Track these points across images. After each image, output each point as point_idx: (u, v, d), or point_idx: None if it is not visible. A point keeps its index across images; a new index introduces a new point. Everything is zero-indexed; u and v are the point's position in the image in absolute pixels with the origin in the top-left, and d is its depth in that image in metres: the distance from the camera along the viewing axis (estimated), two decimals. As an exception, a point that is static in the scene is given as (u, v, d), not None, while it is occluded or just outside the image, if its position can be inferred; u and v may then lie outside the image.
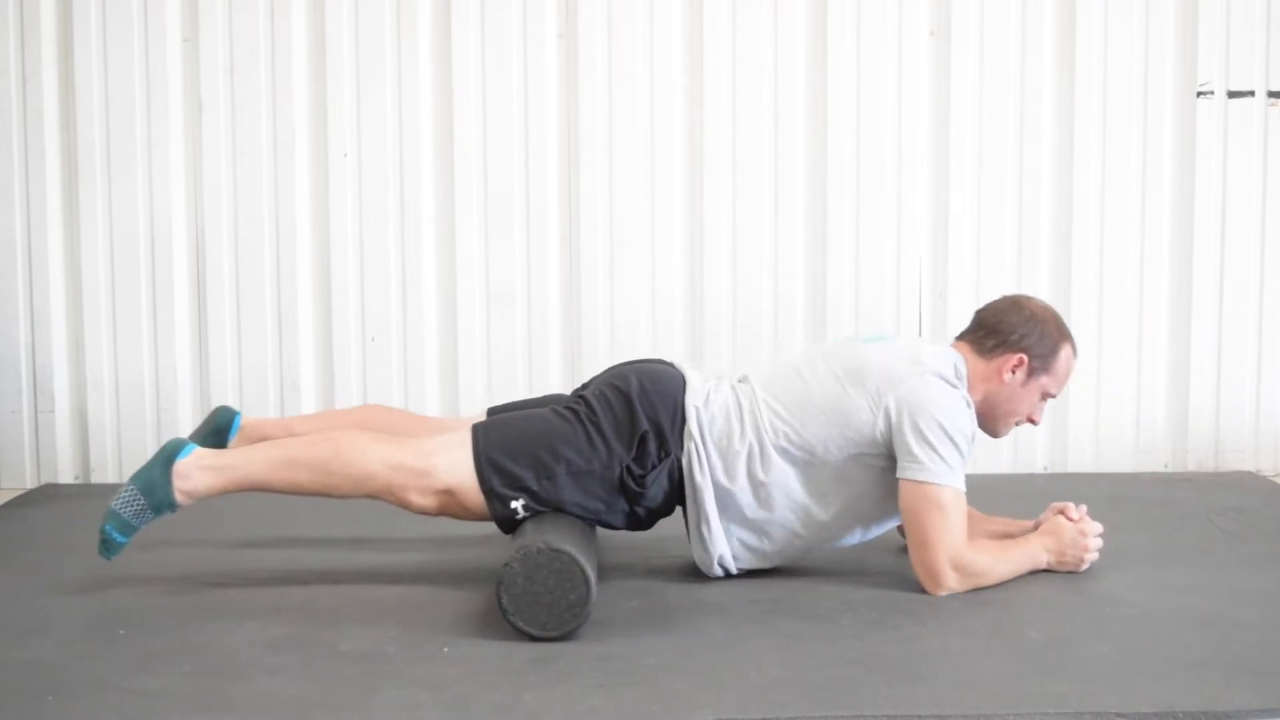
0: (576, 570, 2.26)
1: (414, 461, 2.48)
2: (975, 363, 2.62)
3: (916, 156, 3.71)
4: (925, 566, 2.47)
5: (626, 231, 3.71)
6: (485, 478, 2.48)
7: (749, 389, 2.60)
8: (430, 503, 2.50)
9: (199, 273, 3.72)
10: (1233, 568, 2.70)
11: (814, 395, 2.54)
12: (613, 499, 2.53)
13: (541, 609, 2.25)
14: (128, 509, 2.46)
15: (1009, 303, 2.68)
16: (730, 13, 3.67)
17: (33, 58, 3.65)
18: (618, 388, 2.56)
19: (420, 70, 3.68)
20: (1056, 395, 2.68)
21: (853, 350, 2.61)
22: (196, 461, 2.47)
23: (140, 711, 1.96)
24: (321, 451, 2.48)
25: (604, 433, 2.51)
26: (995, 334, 2.62)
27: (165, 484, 2.45)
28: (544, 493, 2.49)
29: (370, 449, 2.48)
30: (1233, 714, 1.92)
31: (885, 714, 1.93)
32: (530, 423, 2.55)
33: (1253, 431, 3.79)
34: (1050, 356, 2.61)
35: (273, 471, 2.48)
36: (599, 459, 2.50)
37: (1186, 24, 3.69)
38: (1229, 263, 3.75)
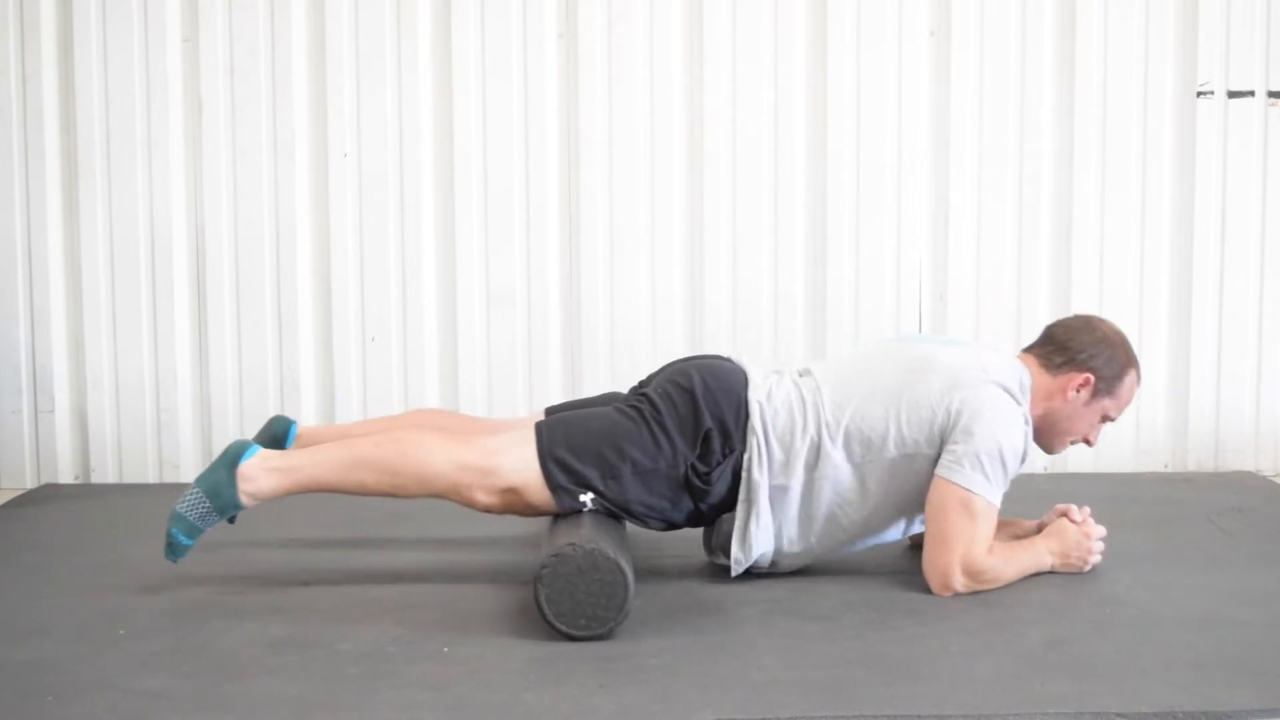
0: (619, 589, 2.26)
1: (479, 460, 2.48)
2: (1040, 377, 2.63)
3: (916, 156, 3.71)
4: (937, 565, 2.47)
5: (626, 231, 3.71)
6: (551, 475, 2.48)
7: (812, 382, 2.60)
8: (495, 501, 2.51)
9: (199, 273, 3.71)
10: (1233, 568, 2.70)
11: (880, 383, 2.55)
12: (678, 496, 2.53)
13: (570, 602, 2.25)
14: (193, 512, 2.45)
15: (1082, 322, 2.70)
16: (730, 13, 3.67)
17: (33, 58, 3.65)
18: (681, 385, 2.55)
19: (420, 70, 3.68)
20: (1115, 420, 2.69)
21: (924, 346, 2.65)
22: (261, 463, 2.47)
23: (140, 711, 1.96)
24: (388, 452, 2.48)
25: (668, 431, 2.51)
26: (1064, 351, 2.63)
27: (230, 486, 2.45)
28: (610, 492, 2.50)
29: (436, 449, 2.49)
30: (1233, 714, 1.92)
31: (885, 714, 1.93)
32: (594, 421, 2.55)
33: (1253, 431, 3.79)
34: (1116, 380, 2.63)
35: (339, 472, 2.48)
36: (664, 458, 2.50)
37: (1186, 24, 3.69)
38: (1229, 263, 3.75)
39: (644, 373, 3.65)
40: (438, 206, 3.71)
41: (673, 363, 2.72)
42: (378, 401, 3.71)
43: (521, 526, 2.96)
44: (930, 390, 2.51)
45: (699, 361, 2.66)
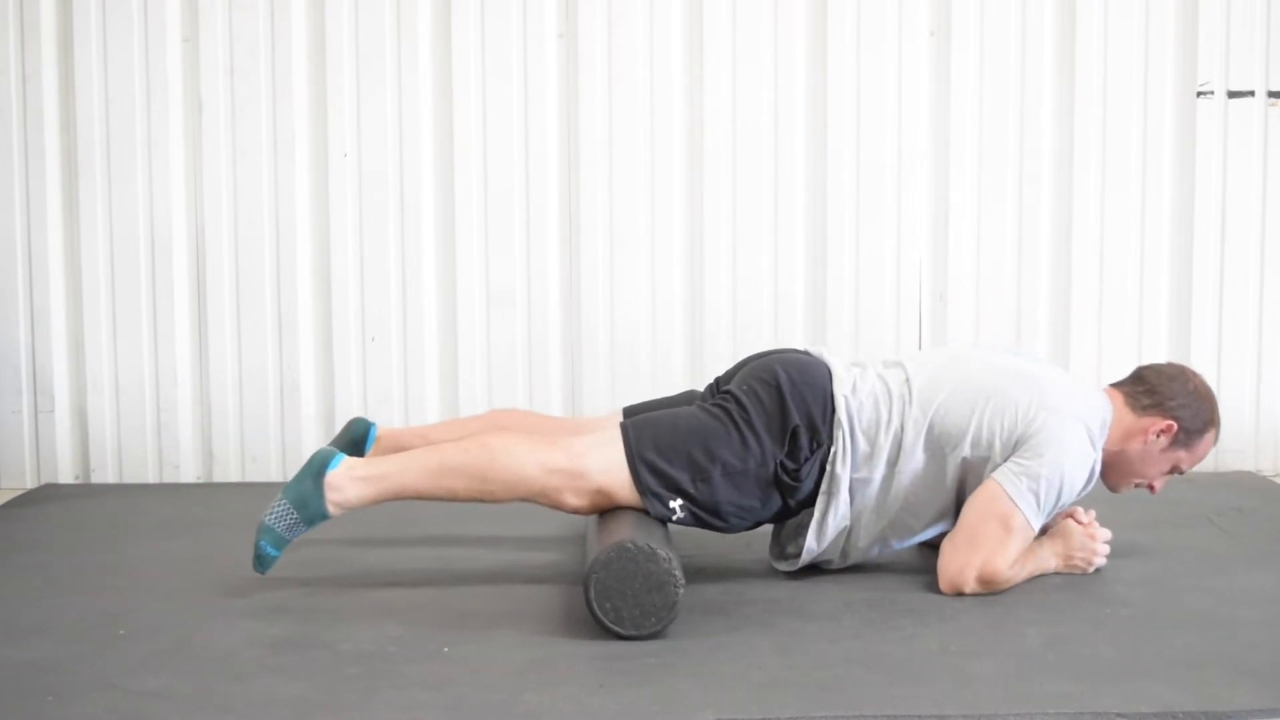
0: (671, 592, 2.25)
1: (567, 463, 2.47)
2: (1123, 414, 2.62)
3: (916, 156, 3.71)
4: (956, 563, 2.47)
5: (626, 231, 3.71)
6: (641, 478, 2.48)
7: (900, 374, 2.60)
8: (584, 503, 2.50)
9: (199, 273, 3.71)
10: (1233, 568, 2.70)
11: (970, 382, 2.56)
12: (767, 495, 2.53)
13: (619, 597, 2.24)
14: (281, 523, 2.45)
15: (1177, 370, 2.70)
16: (730, 13, 3.67)
17: (33, 58, 3.65)
18: (766, 382, 2.54)
19: (420, 70, 3.68)
20: (1184, 473, 2.70)
21: (1021, 359, 2.70)
22: (348, 472, 2.46)
23: (140, 711, 1.96)
24: (477, 458, 2.47)
25: (756, 430, 2.50)
26: (1154, 394, 2.63)
27: (318, 496, 2.44)
28: (700, 495, 2.49)
29: (524, 453, 2.48)
30: (1233, 714, 1.92)
31: (885, 714, 1.93)
32: (681, 421, 2.54)
33: (1253, 431, 3.79)
34: (1198, 434, 2.63)
35: (428, 480, 2.47)
36: (753, 457, 2.50)
37: (1186, 24, 3.68)
38: (1229, 263, 3.75)
39: (644, 372, 3.69)
40: (438, 206, 3.71)
41: (752, 358, 2.70)
42: (378, 401, 3.71)
43: (522, 527, 2.97)
44: (1018, 401, 2.52)
45: (781, 356, 2.64)
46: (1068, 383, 2.65)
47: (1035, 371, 2.62)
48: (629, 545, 2.25)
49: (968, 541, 2.47)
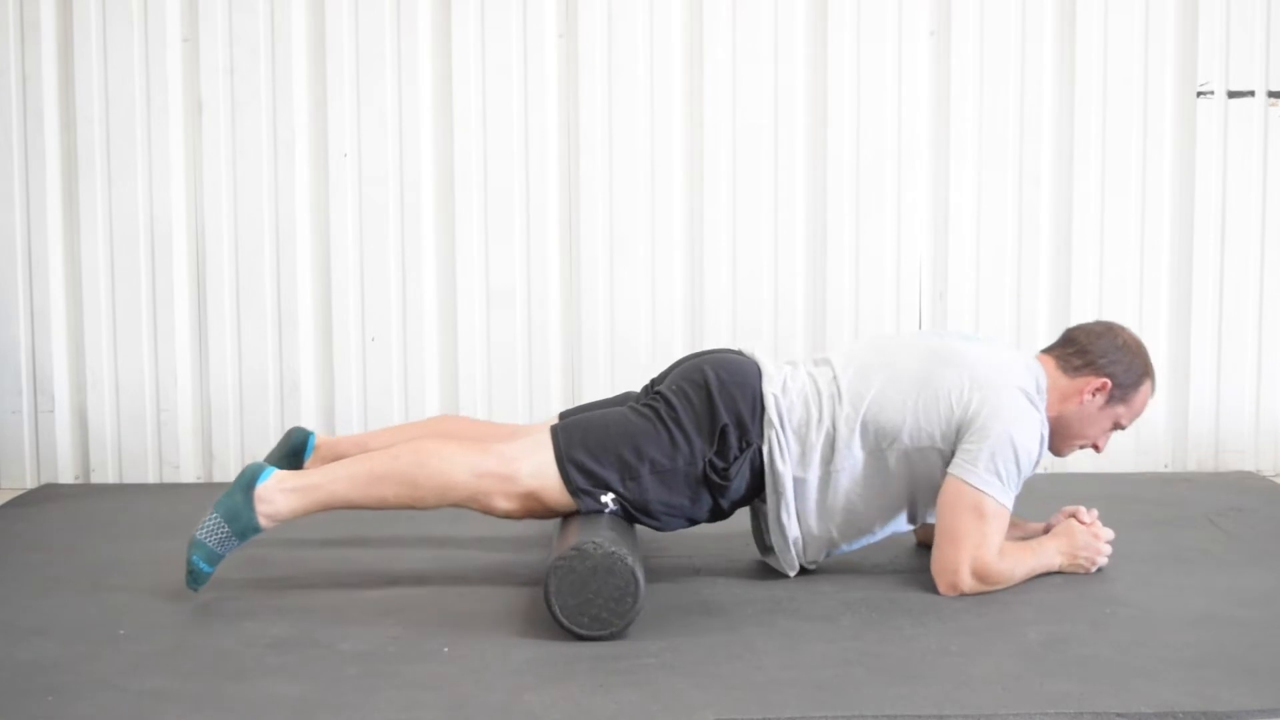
0: (629, 597, 2.25)
1: (498, 467, 2.48)
2: (1057, 378, 2.62)
3: (916, 156, 3.71)
4: (946, 564, 2.47)
5: (626, 231, 3.71)
6: (570, 479, 2.48)
7: (828, 372, 2.60)
8: (515, 506, 2.50)
9: (199, 273, 3.72)
10: (1233, 568, 2.70)
11: (899, 373, 2.55)
12: (697, 493, 2.53)
13: (583, 602, 2.25)
14: (212, 538, 2.44)
15: (1104, 327, 2.69)
16: (730, 13, 3.67)
17: (33, 58, 3.65)
18: (695, 381, 2.55)
19: (420, 70, 3.68)
20: (1126, 428, 2.69)
21: (945, 340, 2.65)
22: (277, 484, 2.46)
23: (140, 711, 1.96)
24: (405, 464, 2.47)
25: (685, 429, 2.50)
26: (1084, 354, 2.62)
27: (248, 510, 2.44)
28: (630, 493, 2.50)
29: (454, 457, 2.48)
30: (1232, 714, 1.92)
31: (885, 714, 1.93)
32: (610, 422, 2.55)
33: (1253, 431, 3.79)
34: (1133, 388, 2.62)
35: (358, 489, 2.47)
36: (682, 456, 2.50)
37: (1186, 24, 3.69)
38: (1229, 263, 3.75)
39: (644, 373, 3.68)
40: (438, 206, 3.71)
41: (685, 359, 2.72)
42: (378, 401, 3.71)
43: (522, 527, 2.97)
44: (950, 385, 2.52)
45: (711, 357, 2.65)
46: (997, 355, 2.62)
47: (962, 350, 2.59)
48: (587, 545, 2.26)
49: (949, 541, 2.47)
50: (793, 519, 2.55)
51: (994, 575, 2.48)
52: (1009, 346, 2.73)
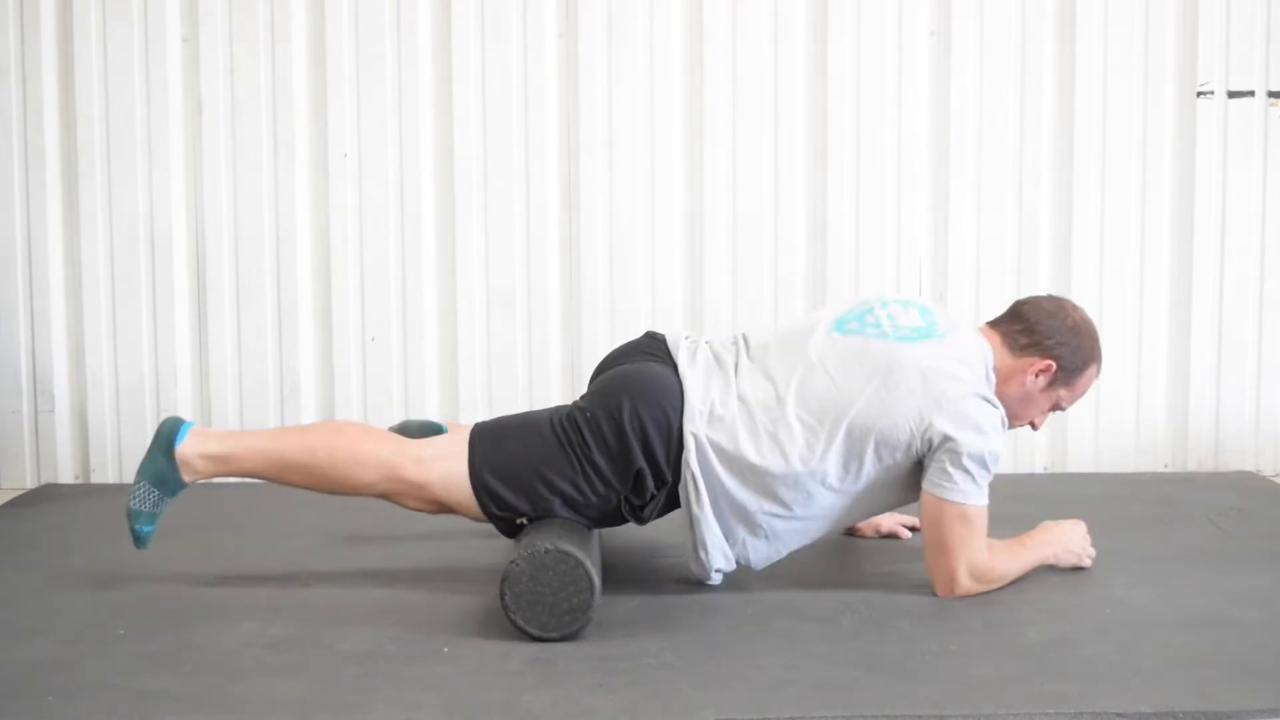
0: (583, 574, 2.25)
1: (411, 474, 2.45)
2: (1001, 355, 2.54)
3: (916, 156, 3.71)
4: (942, 571, 2.46)
5: (626, 231, 3.71)
6: (482, 502, 2.45)
7: (770, 391, 2.46)
8: (428, 508, 2.50)
9: (199, 273, 3.71)
10: (1233, 568, 2.70)
11: (852, 409, 2.41)
12: (611, 520, 2.51)
13: (544, 609, 2.25)
14: (146, 503, 2.48)
15: (1055, 305, 2.60)
16: (730, 13, 3.67)
17: (33, 58, 3.65)
18: (611, 414, 2.42)
19: (420, 70, 3.68)
20: (1065, 410, 2.64)
21: (889, 353, 2.46)
22: (197, 448, 2.46)
23: (140, 711, 1.96)
24: (319, 459, 2.46)
25: (598, 467, 2.43)
26: (1032, 333, 2.55)
27: (173, 471, 2.46)
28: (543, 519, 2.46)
29: (367, 459, 2.45)
30: (1233, 714, 1.92)
31: (885, 714, 1.93)
32: (528, 443, 2.46)
33: (1253, 431, 3.79)
34: (1077, 372, 2.57)
35: (271, 470, 2.48)
36: (595, 492, 2.44)
37: (1186, 24, 3.69)
38: (1229, 263, 3.75)
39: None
40: (438, 206, 3.71)
41: (611, 367, 2.61)
42: (378, 401, 3.71)
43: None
44: (907, 408, 2.40)
45: (632, 379, 2.49)
46: (947, 357, 2.45)
47: (906, 362, 2.43)
48: (545, 549, 2.26)
49: (940, 552, 2.45)
50: (713, 554, 2.47)
51: (990, 574, 2.47)
52: (956, 329, 2.54)
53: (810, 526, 2.50)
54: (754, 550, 2.50)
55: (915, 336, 2.50)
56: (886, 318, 2.53)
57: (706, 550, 2.47)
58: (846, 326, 2.54)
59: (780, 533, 2.48)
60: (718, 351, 2.58)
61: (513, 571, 2.26)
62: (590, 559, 2.29)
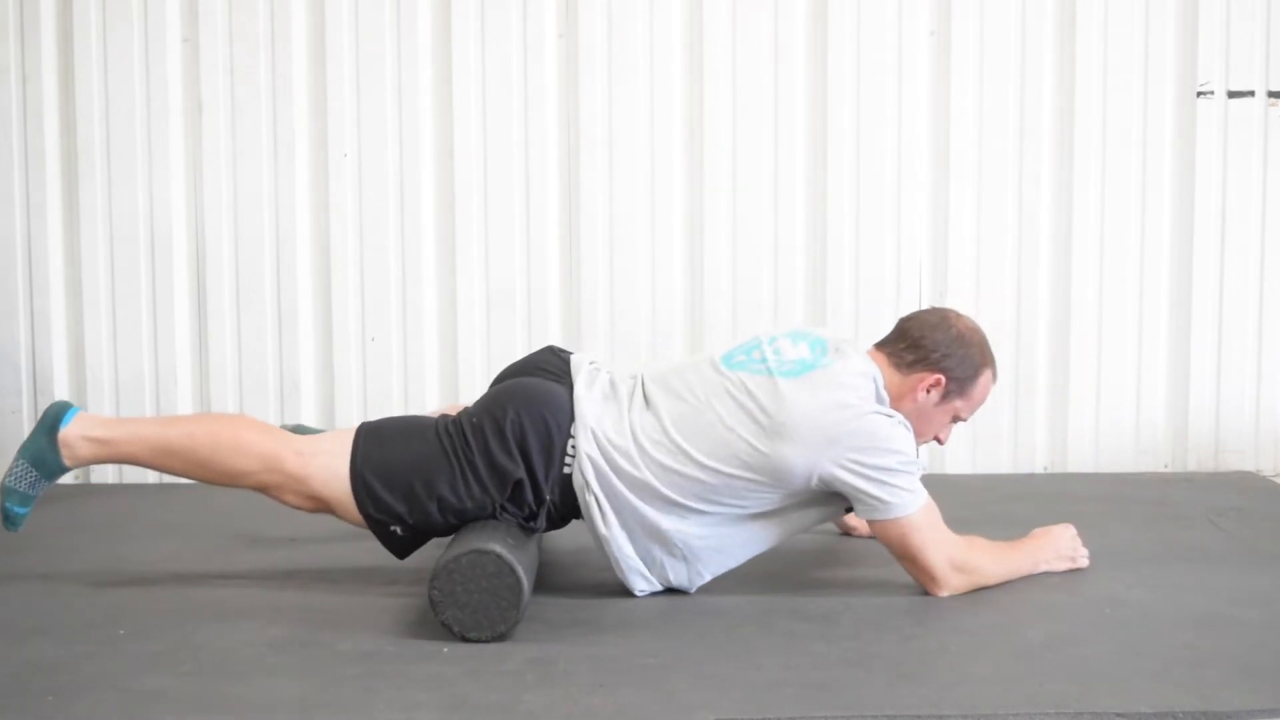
0: (506, 569, 2.23)
1: (292, 467, 2.42)
2: (890, 375, 2.50)
3: (916, 156, 3.71)
4: (923, 576, 2.45)
5: (626, 232, 3.71)
6: (360, 500, 2.42)
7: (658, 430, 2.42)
8: (306, 505, 2.47)
9: (199, 273, 3.72)
10: (1233, 568, 2.70)
11: (742, 447, 2.37)
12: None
13: (479, 612, 2.23)
14: (22, 482, 2.48)
15: (937, 318, 2.56)
16: (730, 13, 3.67)
17: (33, 58, 3.65)
18: (496, 421, 2.41)
19: (420, 70, 3.68)
20: (967, 420, 2.60)
21: (773, 390, 2.40)
22: (80, 432, 2.46)
23: (140, 711, 1.96)
24: (199, 444, 2.44)
25: (479, 473, 2.40)
26: (917, 349, 2.51)
27: (54, 453, 2.46)
28: (417, 523, 2.44)
29: (249, 448, 2.43)
30: (1233, 714, 1.92)
31: (885, 714, 1.93)
32: (411, 445, 2.44)
33: (1253, 431, 3.79)
34: (969, 381, 2.52)
35: (153, 456, 2.46)
36: (472, 499, 2.41)
37: (1186, 24, 3.69)
38: (1229, 263, 3.75)
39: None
40: (438, 206, 3.72)
41: (514, 370, 2.61)
42: (378, 401, 3.71)
43: (521, 526, 2.96)
44: (796, 460, 2.36)
45: (525, 388, 2.48)
46: (826, 386, 2.40)
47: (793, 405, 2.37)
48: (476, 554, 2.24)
49: (913, 562, 2.43)
50: (627, 570, 2.45)
51: (969, 561, 2.45)
52: (843, 356, 2.48)
53: (730, 549, 2.46)
54: (673, 571, 2.45)
55: (799, 370, 2.44)
56: (773, 353, 2.48)
57: (622, 570, 2.45)
58: (734, 360, 2.50)
59: (698, 552, 2.44)
60: (615, 382, 2.55)
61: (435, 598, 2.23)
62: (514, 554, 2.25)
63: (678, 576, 2.47)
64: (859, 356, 2.50)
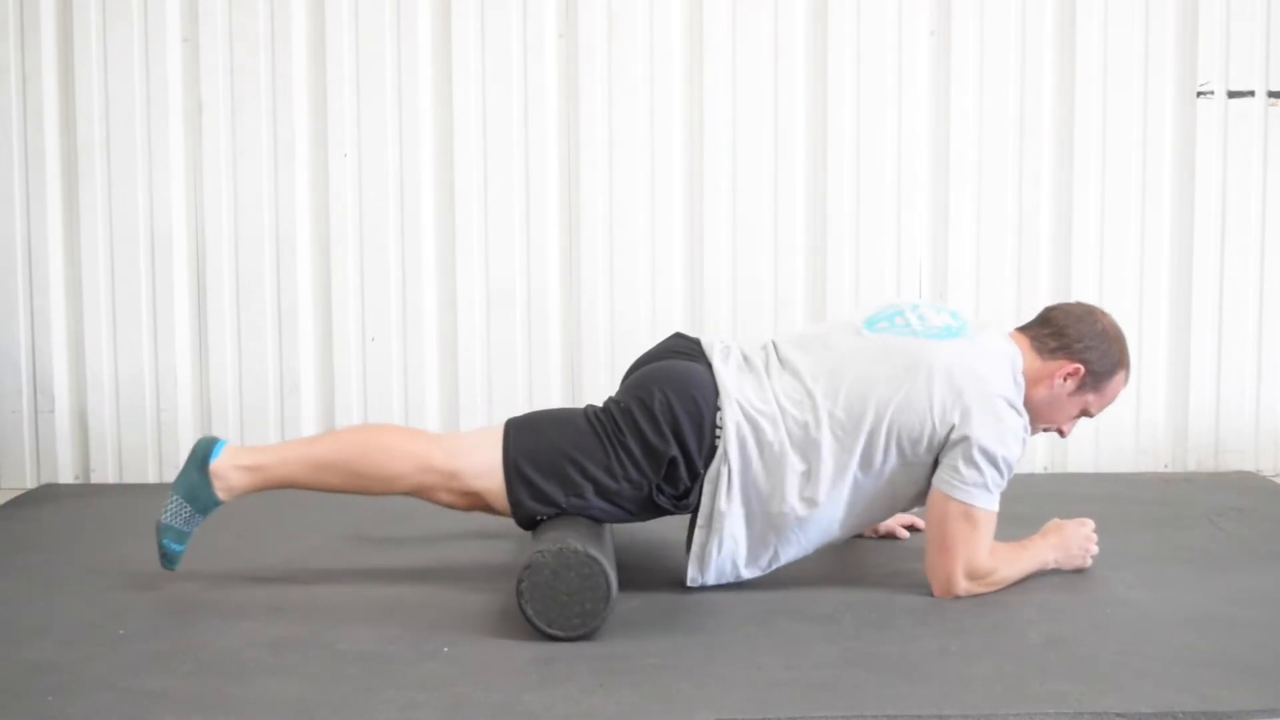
0: (602, 583, 2.25)
1: (444, 464, 2.46)
2: (1030, 359, 2.55)
3: (916, 156, 3.71)
4: (941, 570, 2.46)
5: (626, 232, 3.71)
6: (513, 488, 2.45)
7: (798, 387, 2.48)
8: (460, 502, 2.50)
9: (199, 273, 3.72)
10: (1233, 568, 2.70)
11: (879, 396, 2.43)
12: (644, 513, 2.51)
13: (557, 606, 2.25)
14: (177, 519, 2.49)
15: (1084, 310, 2.62)
16: (730, 13, 3.67)
17: (33, 58, 3.65)
18: (644, 403, 2.44)
19: (420, 70, 3.68)
20: (1093, 416, 2.65)
21: (914, 344, 2.49)
22: (231, 461, 2.48)
23: (140, 711, 1.96)
24: (351, 454, 2.47)
25: (633, 455, 2.44)
26: (1060, 337, 2.56)
27: (206, 487, 2.47)
28: (572, 508, 2.46)
29: (398, 448, 2.47)
30: (1233, 714, 1.92)
31: (885, 714, 1.93)
32: (562, 431, 2.47)
33: (1253, 431, 3.79)
34: (1105, 376, 2.57)
35: (306, 474, 2.48)
36: (629, 480, 2.45)
37: (1186, 24, 3.69)
38: (1229, 263, 3.75)
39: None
40: (438, 206, 3.71)
41: (645, 359, 2.64)
42: (378, 401, 3.71)
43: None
44: (930, 401, 2.42)
45: (665, 371, 2.51)
46: (974, 355, 2.48)
47: (936, 357, 2.45)
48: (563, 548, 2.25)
49: (941, 550, 2.45)
50: (725, 556, 2.48)
51: (987, 575, 2.48)
52: (985, 331, 2.58)
53: (829, 522, 2.48)
54: (784, 548, 2.49)
55: (944, 335, 2.53)
56: (916, 318, 2.57)
57: (720, 548, 2.46)
58: (876, 325, 2.58)
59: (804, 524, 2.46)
60: (747, 354, 2.60)
61: (537, 560, 2.25)
62: (611, 569, 2.29)
63: (787, 551, 2.49)
64: (1001, 337, 2.58)
